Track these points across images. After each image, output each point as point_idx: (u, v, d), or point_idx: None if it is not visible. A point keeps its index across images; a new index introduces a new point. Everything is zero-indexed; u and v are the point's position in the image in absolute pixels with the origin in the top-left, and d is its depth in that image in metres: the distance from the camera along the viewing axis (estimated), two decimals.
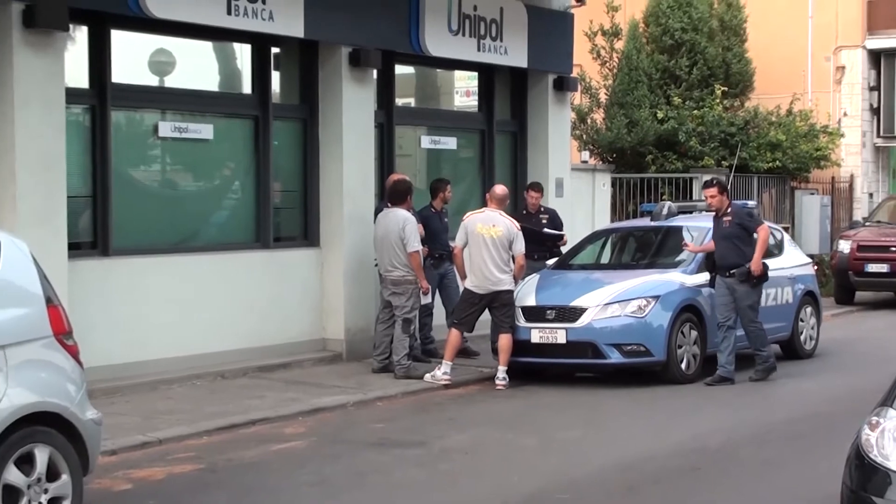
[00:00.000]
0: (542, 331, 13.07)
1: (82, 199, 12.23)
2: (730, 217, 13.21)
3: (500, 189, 13.60)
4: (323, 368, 13.75)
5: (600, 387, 13.01)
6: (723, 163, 22.15)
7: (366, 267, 14.21)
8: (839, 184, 27.42)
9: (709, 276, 13.37)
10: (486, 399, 12.49)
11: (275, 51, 14.16)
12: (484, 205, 13.92)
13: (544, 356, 13.19)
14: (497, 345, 13.03)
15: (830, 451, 8.51)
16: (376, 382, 12.85)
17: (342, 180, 14.25)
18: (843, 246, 21.80)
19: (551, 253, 15.08)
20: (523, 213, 15.44)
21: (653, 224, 14.97)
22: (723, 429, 10.77)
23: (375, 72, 14.79)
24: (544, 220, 15.34)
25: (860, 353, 15.83)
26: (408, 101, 16.78)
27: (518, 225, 13.24)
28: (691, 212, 15.29)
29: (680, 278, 13.52)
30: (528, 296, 13.38)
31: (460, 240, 13.12)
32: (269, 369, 13.32)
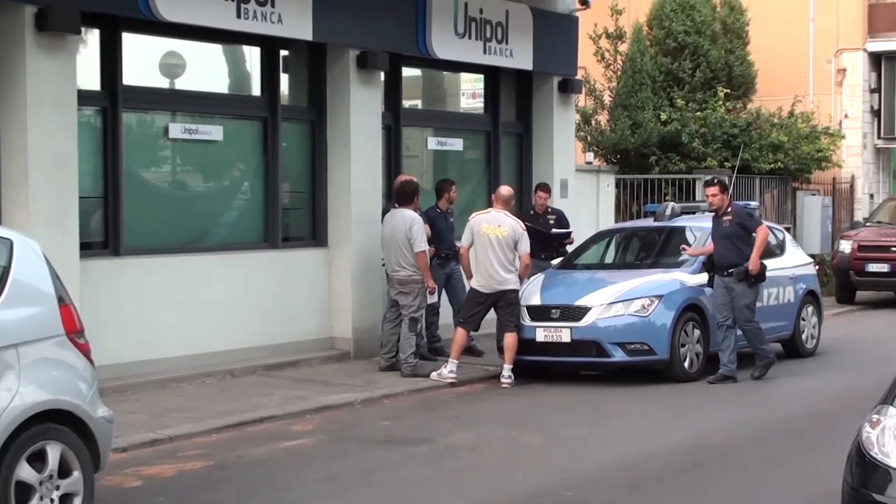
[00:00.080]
0: (546, 330, 13.11)
1: (94, 199, 12.24)
2: (730, 216, 13.22)
3: (506, 190, 13.65)
4: (331, 367, 13.76)
5: (604, 385, 13.05)
6: (725, 164, 22.16)
7: (373, 267, 14.23)
8: (840, 184, 27.46)
9: (707, 276, 13.39)
10: (492, 397, 12.51)
11: (283, 53, 14.18)
12: (489, 205, 13.92)
13: (549, 355, 13.22)
14: (502, 343, 13.09)
15: (831, 449, 8.53)
16: (383, 380, 12.88)
17: (350, 181, 14.28)
18: (844, 246, 21.84)
19: (558, 253, 15.12)
20: (531, 213, 15.51)
21: (656, 224, 14.99)
22: (725, 427, 10.78)
23: (383, 74, 14.78)
24: (552, 221, 15.42)
25: (861, 352, 15.83)
26: (415, 103, 16.79)
27: (523, 225, 13.29)
28: (694, 212, 15.29)
29: (683, 278, 13.54)
30: (533, 295, 13.41)
31: (466, 240, 13.19)
32: (277, 368, 13.34)
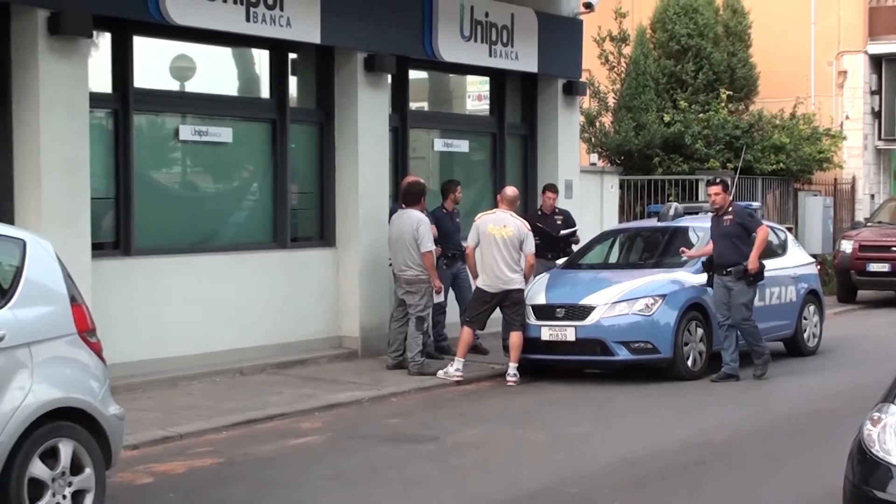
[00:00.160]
0: (551, 328, 13.16)
1: (105, 200, 12.31)
2: (730, 216, 13.26)
3: (511, 190, 13.71)
4: (338, 365, 13.82)
5: (608, 383, 13.12)
6: (728, 165, 22.18)
7: (380, 266, 14.29)
8: (841, 185, 27.50)
9: (706, 276, 13.44)
10: (497, 395, 12.56)
11: (292, 56, 14.25)
12: (495, 206, 14.02)
13: (554, 353, 13.28)
14: (508, 342, 13.15)
15: (832, 447, 8.58)
16: (390, 379, 12.93)
17: (357, 182, 14.35)
18: (846, 246, 21.90)
19: (564, 253, 15.21)
20: (539, 213, 15.62)
21: (659, 225, 15.05)
22: (728, 424, 10.82)
23: (390, 77, 14.85)
24: (559, 221, 15.53)
25: (862, 351, 15.85)
26: (421, 105, 16.82)
27: (528, 225, 13.38)
28: (697, 213, 15.33)
29: (686, 277, 13.61)
30: (538, 294, 13.47)
31: (472, 240, 13.23)
32: (286, 366, 13.39)
